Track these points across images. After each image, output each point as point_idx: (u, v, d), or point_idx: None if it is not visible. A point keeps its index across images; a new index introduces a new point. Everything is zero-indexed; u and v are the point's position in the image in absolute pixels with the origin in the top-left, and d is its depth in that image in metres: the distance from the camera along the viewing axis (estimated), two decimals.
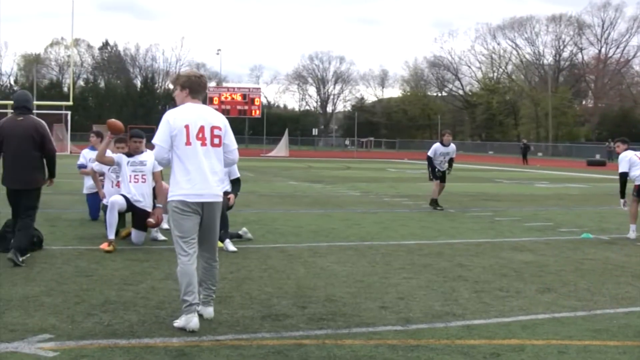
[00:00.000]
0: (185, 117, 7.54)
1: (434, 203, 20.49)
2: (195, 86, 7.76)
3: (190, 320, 7.15)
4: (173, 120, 7.51)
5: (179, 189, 7.44)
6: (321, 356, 6.43)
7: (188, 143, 7.43)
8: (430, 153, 21.02)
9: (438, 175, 20.78)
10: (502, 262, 11.74)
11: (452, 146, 21.32)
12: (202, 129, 7.51)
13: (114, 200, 12.26)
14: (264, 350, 6.56)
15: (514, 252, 12.83)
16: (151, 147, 8.29)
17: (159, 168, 14.01)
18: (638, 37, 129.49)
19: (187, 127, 7.45)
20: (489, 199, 24.65)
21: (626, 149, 15.91)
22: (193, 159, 7.44)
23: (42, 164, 10.96)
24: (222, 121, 7.77)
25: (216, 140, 7.60)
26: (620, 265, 11.66)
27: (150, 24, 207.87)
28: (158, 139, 7.50)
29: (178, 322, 7.26)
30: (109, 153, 13.05)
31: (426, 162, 21.49)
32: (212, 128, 7.59)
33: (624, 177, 15.56)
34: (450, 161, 21.17)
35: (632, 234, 15.03)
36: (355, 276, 10.13)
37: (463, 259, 11.88)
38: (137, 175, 12.70)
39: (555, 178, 41.59)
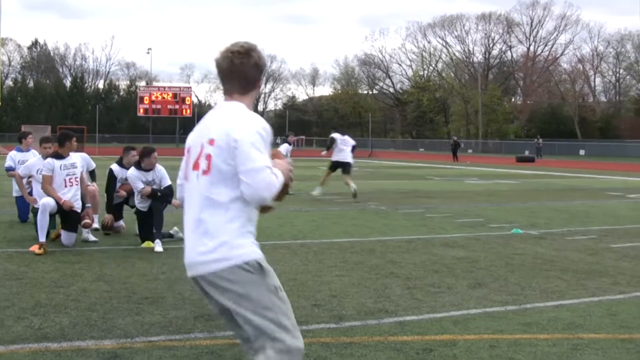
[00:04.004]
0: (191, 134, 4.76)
1: None
2: (219, 72, 4.59)
3: None
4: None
5: None
6: None
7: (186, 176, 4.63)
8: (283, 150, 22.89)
9: None
10: (433, 258, 11.82)
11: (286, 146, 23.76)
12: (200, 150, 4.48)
13: (45, 202, 12.09)
14: (197, 351, 6.54)
15: (445, 248, 12.93)
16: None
17: (93, 166, 13.96)
18: (565, 35, 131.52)
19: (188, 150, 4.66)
20: (421, 196, 24.80)
21: None
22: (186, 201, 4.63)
23: None
24: (226, 131, 4.32)
25: (203, 164, 4.40)
26: (549, 260, 11.82)
27: (78, 23, 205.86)
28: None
29: None
30: (35, 153, 12.89)
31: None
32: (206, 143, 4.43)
33: None
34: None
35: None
36: (288, 274, 10.13)
37: (395, 256, 11.95)
38: (71, 178, 12.54)
39: (486, 174, 41.99)
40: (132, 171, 12.90)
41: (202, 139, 4.46)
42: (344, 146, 23.20)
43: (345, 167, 23.07)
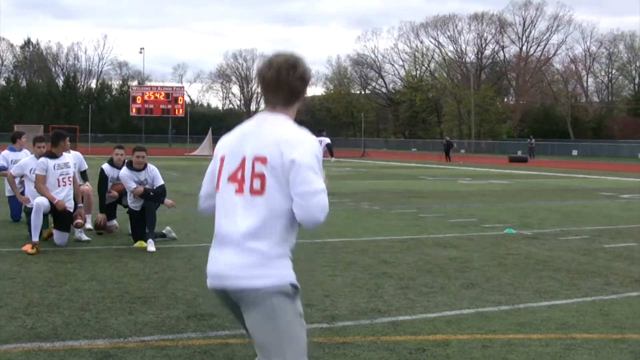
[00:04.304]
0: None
1: None
2: (262, 83, 4.39)
3: None
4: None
5: None
6: (247, 355, 6.42)
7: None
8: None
9: None
10: (426, 258, 11.83)
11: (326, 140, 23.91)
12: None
13: (39, 202, 12.05)
14: (190, 351, 6.54)
15: (438, 248, 12.94)
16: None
17: (85, 167, 13.95)
18: (558, 35, 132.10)
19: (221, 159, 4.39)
20: (413, 196, 24.81)
21: None
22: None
23: None
24: (280, 150, 4.12)
25: (256, 184, 4.16)
26: (542, 260, 11.83)
27: (71, 23, 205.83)
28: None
29: None
30: (27, 153, 12.87)
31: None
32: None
33: None
34: None
35: None
36: None
37: (388, 255, 11.95)
38: (65, 178, 12.51)
39: (478, 175, 42.02)
40: (124, 171, 12.88)
41: (244, 153, 4.23)
42: None
43: None
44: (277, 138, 4.15)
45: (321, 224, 4.07)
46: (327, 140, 27.15)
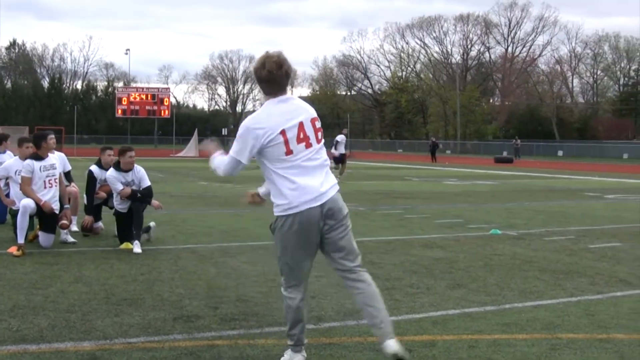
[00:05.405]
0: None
1: None
2: (277, 78, 6.14)
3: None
4: None
5: None
6: (234, 356, 6.43)
7: None
8: None
9: None
10: (412, 259, 11.84)
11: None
12: None
13: (26, 203, 12.00)
14: (176, 352, 6.53)
15: (424, 249, 12.96)
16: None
17: (69, 168, 13.92)
18: (543, 36, 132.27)
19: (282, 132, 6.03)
20: (399, 197, 24.85)
21: None
22: None
23: None
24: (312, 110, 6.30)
25: (319, 135, 6.27)
26: (527, 260, 11.86)
27: (56, 24, 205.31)
28: None
29: None
30: (11, 155, 12.82)
31: None
32: None
33: None
34: None
35: None
36: (267, 276, 10.12)
37: (374, 256, 11.94)
38: (51, 180, 12.47)
39: (464, 175, 42.10)
40: (111, 172, 12.81)
41: (299, 120, 6.00)
42: None
43: None
44: (308, 106, 6.21)
45: None
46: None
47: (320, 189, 5.95)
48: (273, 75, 5.95)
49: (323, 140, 6.24)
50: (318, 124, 6.12)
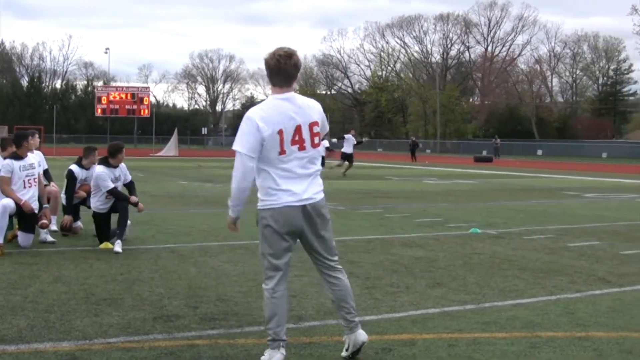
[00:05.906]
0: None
1: None
2: (289, 71, 6.34)
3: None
4: None
5: None
6: (214, 356, 6.42)
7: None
8: None
9: None
10: (392, 258, 11.85)
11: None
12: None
13: (5, 203, 11.92)
14: (156, 352, 6.51)
15: (404, 248, 12.97)
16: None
17: (45, 167, 13.86)
18: (523, 36, 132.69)
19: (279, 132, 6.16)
20: (379, 196, 24.87)
21: None
22: None
23: None
24: (319, 112, 6.47)
25: (316, 139, 6.38)
26: (507, 259, 11.89)
27: (35, 23, 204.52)
28: None
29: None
30: None
31: None
32: None
33: None
34: None
35: None
36: (247, 275, 10.11)
37: (354, 255, 11.95)
38: (31, 179, 12.40)
39: (444, 174, 42.19)
40: (102, 169, 12.63)
41: (298, 122, 6.12)
42: None
43: None
44: (314, 105, 6.41)
45: None
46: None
47: (302, 196, 6.13)
48: (282, 66, 6.13)
49: (321, 144, 6.40)
50: (316, 129, 6.20)
